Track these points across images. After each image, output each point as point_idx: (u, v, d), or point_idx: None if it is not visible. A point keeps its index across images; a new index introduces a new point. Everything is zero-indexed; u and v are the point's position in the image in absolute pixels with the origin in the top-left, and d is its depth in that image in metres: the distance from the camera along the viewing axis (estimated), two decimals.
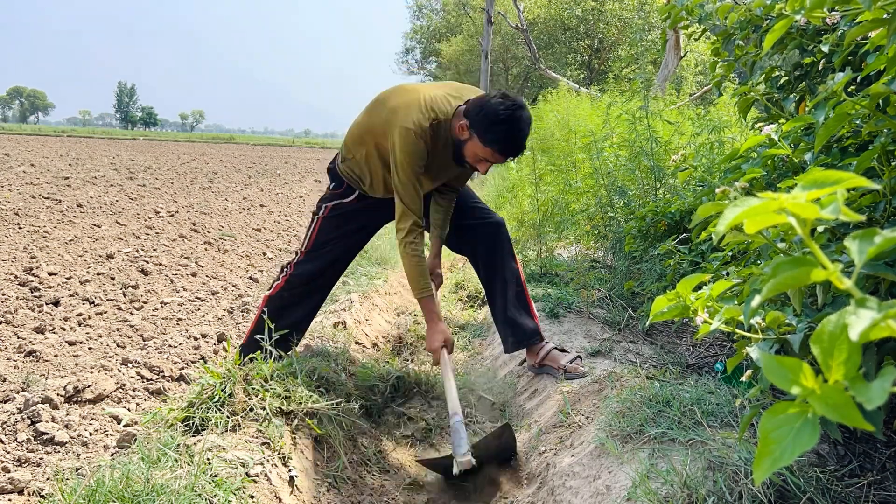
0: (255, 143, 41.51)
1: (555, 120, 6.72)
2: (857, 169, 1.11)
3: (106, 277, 4.11)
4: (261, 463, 1.64)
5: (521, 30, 17.29)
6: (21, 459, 1.93)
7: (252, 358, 2.01)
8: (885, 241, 0.49)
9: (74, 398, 2.31)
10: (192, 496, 1.40)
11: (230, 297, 3.98)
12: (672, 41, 10.36)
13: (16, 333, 2.97)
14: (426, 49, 40.87)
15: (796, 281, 0.55)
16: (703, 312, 1.03)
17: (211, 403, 1.84)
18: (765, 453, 0.49)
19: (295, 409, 1.94)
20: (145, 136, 46.03)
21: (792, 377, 0.49)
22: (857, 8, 1.13)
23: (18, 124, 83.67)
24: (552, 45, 26.71)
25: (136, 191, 8.97)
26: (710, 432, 1.55)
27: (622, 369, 2.22)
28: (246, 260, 5.17)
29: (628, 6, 24.28)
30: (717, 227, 0.55)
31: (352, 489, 1.94)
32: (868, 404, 0.44)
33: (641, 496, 1.39)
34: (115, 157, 16.53)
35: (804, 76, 1.74)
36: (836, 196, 0.52)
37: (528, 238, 4.11)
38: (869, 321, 0.45)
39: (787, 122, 1.36)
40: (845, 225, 1.15)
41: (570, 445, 1.88)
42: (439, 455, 2.16)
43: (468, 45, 32.05)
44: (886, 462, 1.40)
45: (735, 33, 1.88)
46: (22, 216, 6.07)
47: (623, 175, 3.56)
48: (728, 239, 1.00)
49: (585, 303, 3.16)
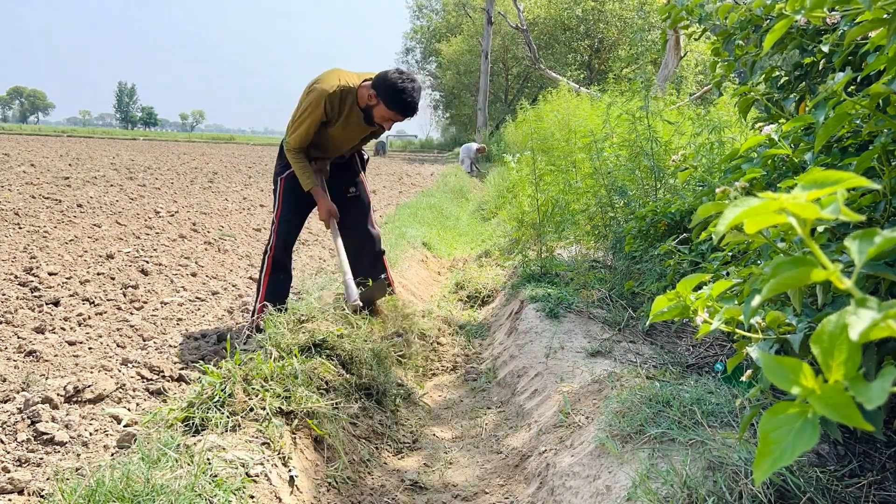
0: (256, 143, 41.52)
1: (555, 120, 6.72)
2: (857, 169, 1.11)
3: (106, 277, 4.12)
4: (261, 463, 1.64)
5: (521, 30, 17.29)
6: (21, 459, 1.93)
7: (260, 329, 2.64)
8: (885, 241, 0.49)
9: (74, 398, 2.31)
10: (192, 496, 1.40)
11: (230, 297, 3.98)
12: (672, 41, 10.37)
13: (16, 333, 2.97)
14: (426, 49, 40.88)
15: (796, 281, 0.55)
16: (703, 312, 1.03)
17: (211, 403, 1.84)
18: (765, 453, 0.49)
19: (295, 409, 1.94)
20: (145, 136, 46.05)
21: (792, 377, 0.49)
22: (857, 8, 1.13)
23: (18, 124, 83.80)
24: (552, 45, 26.71)
25: (136, 191, 8.97)
26: (710, 432, 1.55)
27: (622, 369, 2.22)
28: (246, 260, 5.18)
29: (628, 6, 24.28)
30: (718, 226, 0.55)
31: (352, 489, 1.94)
32: (868, 404, 0.44)
33: (641, 496, 1.39)
34: (115, 157, 16.54)
35: (804, 76, 1.74)
36: (836, 196, 0.52)
37: (528, 238, 4.11)
38: (869, 321, 0.45)
39: (787, 122, 1.36)
40: (845, 225, 1.15)
41: (570, 445, 1.88)
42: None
43: (468, 45, 32.06)
44: (886, 462, 1.40)
45: (735, 33, 1.88)
46: (22, 216, 6.07)
47: (623, 175, 3.56)
48: (728, 239, 1.00)
49: (585, 303, 3.16)
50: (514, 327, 3.20)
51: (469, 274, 4.84)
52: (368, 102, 2.90)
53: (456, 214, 8.50)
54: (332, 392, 2.20)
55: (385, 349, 2.69)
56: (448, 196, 9.99)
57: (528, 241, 4.11)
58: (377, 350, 2.59)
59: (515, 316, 3.35)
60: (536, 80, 29.37)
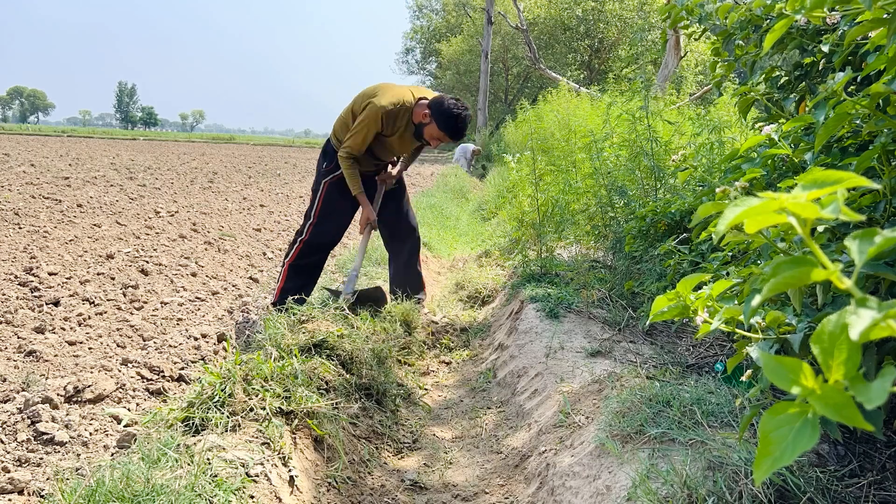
0: (256, 143, 41.49)
1: (555, 120, 6.72)
2: (857, 169, 1.11)
3: (106, 277, 4.12)
4: (261, 463, 1.63)
5: (521, 30, 17.28)
6: (21, 459, 1.93)
7: (280, 309, 2.91)
8: (885, 241, 0.49)
9: (74, 398, 2.31)
10: (192, 496, 1.40)
11: (230, 297, 3.98)
12: (672, 41, 10.36)
13: (16, 333, 2.97)
14: (426, 49, 40.86)
15: (796, 281, 0.55)
16: (703, 312, 1.03)
17: (211, 403, 1.84)
18: (765, 453, 0.49)
19: (295, 409, 1.94)
20: (145, 136, 46.00)
21: (792, 377, 0.49)
22: (857, 8, 1.13)
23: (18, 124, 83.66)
24: (552, 45, 26.71)
25: (136, 191, 8.97)
26: (710, 432, 1.55)
27: (622, 369, 2.22)
28: (246, 260, 5.18)
29: (628, 6, 24.28)
30: (718, 226, 0.55)
31: (352, 489, 1.94)
32: (868, 404, 0.44)
33: (641, 496, 1.39)
34: (115, 157, 16.54)
35: (804, 76, 1.74)
36: (836, 196, 0.52)
37: (528, 238, 4.11)
38: (869, 321, 0.45)
39: (787, 122, 1.36)
40: (845, 225, 1.15)
41: (570, 445, 1.88)
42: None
43: (468, 45, 32.05)
44: (886, 462, 1.40)
45: (735, 33, 1.88)
46: (22, 216, 6.07)
47: (623, 175, 3.55)
48: (728, 239, 1.00)
49: (585, 303, 3.16)
50: (514, 327, 3.20)
51: (469, 274, 4.84)
52: (422, 120, 3.20)
53: (456, 214, 8.50)
54: (332, 392, 2.20)
55: (385, 349, 2.69)
56: (448, 196, 9.99)
57: (528, 241, 4.11)
58: (377, 350, 2.59)
59: (515, 316, 3.35)
60: (536, 80, 29.36)
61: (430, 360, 3.36)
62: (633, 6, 24.03)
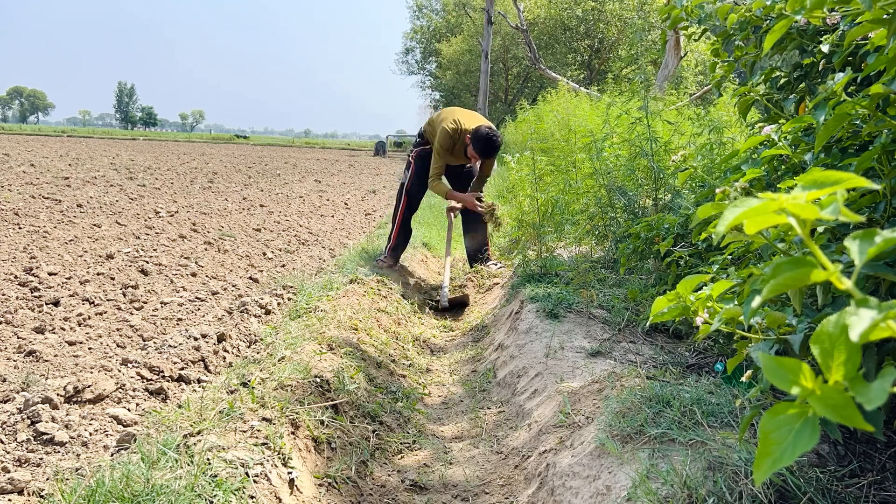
0: (255, 143, 41.45)
1: (555, 120, 6.72)
2: (857, 169, 1.11)
3: (106, 277, 4.12)
4: (261, 463, 1.63)
5: (521, 30, 17.28)
6: (21, 459, 1.93)
7: (396, 258, 4.78)
8: (885, 242, 0.49)
9: (74, 398, 2.30)
10: (192, 496, 1.40)
11: (230, 297, 3.98)
12: (672, 41, 10.37)
13: (16, 333, 2.97)
14: (426, 49, 40.84)
15: (796, 281, 0.55)
16: (703, 313, 1.03)
17: (211, 403, 1.84)
18: (765, 454, 0.49)
19: (295, 409, 1.94)
20: (145, 136, 45.97)
21: (792, 378, 0.49)
22: (857, 8, 1.13)
23: (18, 124, 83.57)
24: (552, 45, 26.70)
25: (136, 191, 8.97)
26: (710, 432, 1.55)
27: (622, 369, 2.22)
28: (246, 260, 5.18)
29: (628, 6, 24.28)
30: (718, 227, 0.55)
31: (352, 489, 1.94)
32: (868, 405, 0.44)
33: (641, 496, 1.39)
34: (115, 157, 16.53)
35: (804, 76, 1.74)
36: (836, 196, 0.52)
37: (528, 238, 4.11)
38: (869, 321, 0.45)
39: (787, 123, 1.36)
40: (845, 225, 1.15)
41: (570, 445, 1.88)
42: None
43: (468, 45, 32.04)
44: (886, 462, 1.40)
45: (735, 34, 1.88)
46: (22, 216, 6.07)
47: (623, 175, 3.55)
48: (728, 239, 1.00)
49: (585, 303, 3.16)
50: (514, 327, 3.20)
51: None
52: (466, 142, 4.45)
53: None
54: (332, 392, 2.20)
55: (386, 349, 2.69)
56: None
57: (528, 241, 4.11)
58: (378, 350, 2.59)
59: (515, 316, 3.35)
60: (536, 80, 29.36)
61: (430, 359, 3.36)
62: (633, 6, 24.03)
